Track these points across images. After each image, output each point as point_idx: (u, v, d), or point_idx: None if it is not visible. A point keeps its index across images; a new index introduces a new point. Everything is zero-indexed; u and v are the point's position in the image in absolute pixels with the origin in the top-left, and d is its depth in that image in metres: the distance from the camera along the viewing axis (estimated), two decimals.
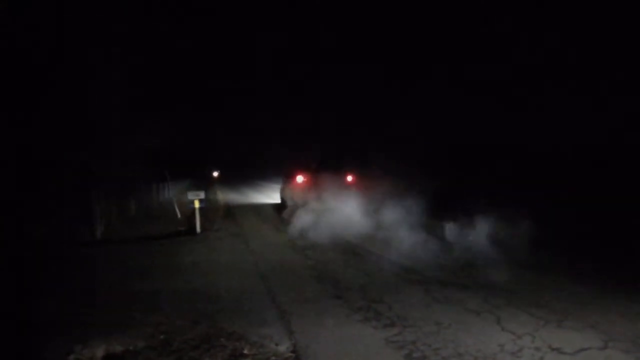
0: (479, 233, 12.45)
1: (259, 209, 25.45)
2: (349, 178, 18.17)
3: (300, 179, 19.21)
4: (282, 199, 22.04)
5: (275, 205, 24.86)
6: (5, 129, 12.53)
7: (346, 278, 9.79)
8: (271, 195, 31.10)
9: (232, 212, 24.23)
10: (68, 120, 15.29)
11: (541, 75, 17.66)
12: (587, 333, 6.26)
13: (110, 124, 18.34)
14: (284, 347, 6.18)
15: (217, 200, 31.45)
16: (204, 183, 42.19)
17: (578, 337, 6.13)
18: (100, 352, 6.19)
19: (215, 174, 59.73)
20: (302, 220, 16.15)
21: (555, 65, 17.19)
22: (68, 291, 9.29)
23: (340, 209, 16.24)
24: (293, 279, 9.94)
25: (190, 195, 16.89)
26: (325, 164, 19.07)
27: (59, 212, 15.51)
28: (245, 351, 6.08)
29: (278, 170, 30.92)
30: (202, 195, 16.91)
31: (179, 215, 21.01)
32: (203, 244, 14.38)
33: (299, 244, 13.97)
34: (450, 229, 13.36)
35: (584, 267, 9.83)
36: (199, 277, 10.24)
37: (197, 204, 16.65)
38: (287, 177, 21.54)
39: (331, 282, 9.51)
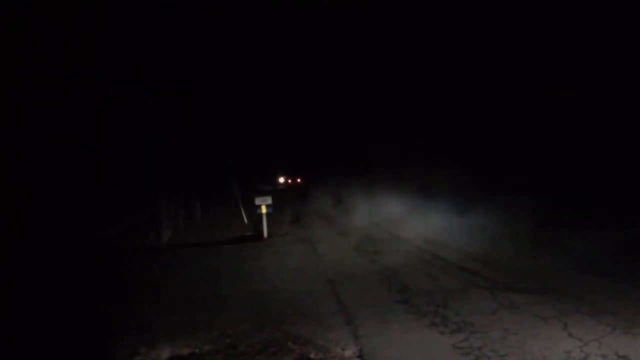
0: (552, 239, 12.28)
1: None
2: (298, 179, 61.98)
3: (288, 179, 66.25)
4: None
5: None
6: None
7: (411, 280, 9.87)
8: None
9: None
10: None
11: None
12: None
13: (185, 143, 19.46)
14: (350, 352, 6.31)
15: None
16: (271, 188, 43.71)
17: None
18: (165, 354, 6.42)
19: (282, 179, 63.18)
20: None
21: None
22: (135, 294, 9.76)
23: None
24: (360, 283, 10.11)
25: (258, 201, 17.22)
26: (292, 172, 62.35)
27: (126, 217, 16.20)
28: (312, 355, 6.23)
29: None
30: (269, 200, 17.21)
31: (245, 221, 21.38)
32: (270, 249, 14.71)
33: (365, 248, 14.12)
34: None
35: None
36: (265, 282, 10.52)
37: (264, 210, 16.99)
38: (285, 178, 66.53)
39: (397, 285, 9.62)
